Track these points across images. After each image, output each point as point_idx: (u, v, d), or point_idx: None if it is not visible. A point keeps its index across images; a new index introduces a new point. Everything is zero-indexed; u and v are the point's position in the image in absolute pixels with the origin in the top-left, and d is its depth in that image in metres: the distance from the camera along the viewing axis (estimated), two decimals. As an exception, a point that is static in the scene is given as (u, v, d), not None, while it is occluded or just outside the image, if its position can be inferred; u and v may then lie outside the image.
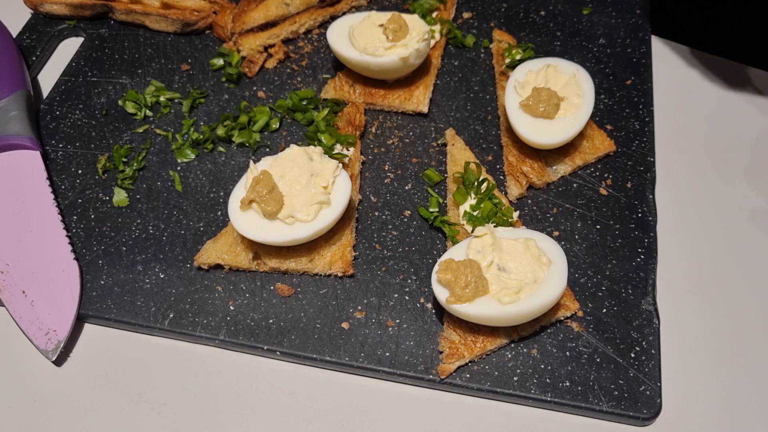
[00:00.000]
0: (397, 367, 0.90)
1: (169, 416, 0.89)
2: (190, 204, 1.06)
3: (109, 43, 1.27)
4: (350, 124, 1.12)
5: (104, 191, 1.08)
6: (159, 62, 1.24)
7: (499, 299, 0.86)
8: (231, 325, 0.94)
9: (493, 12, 1.31)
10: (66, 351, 0.94)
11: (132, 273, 0.99)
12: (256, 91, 1.20)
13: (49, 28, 1.29)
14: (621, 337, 0.91)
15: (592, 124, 1.10)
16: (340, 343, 0.92)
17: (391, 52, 1.10)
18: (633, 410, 0.86)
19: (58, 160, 1.11)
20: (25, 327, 0.94)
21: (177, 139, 1.13)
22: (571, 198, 1.05)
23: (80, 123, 1.16)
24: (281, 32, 1.26)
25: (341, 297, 0.96)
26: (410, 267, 0.99)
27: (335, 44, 1.15)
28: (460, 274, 0.86)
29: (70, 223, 1.04)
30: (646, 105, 1.15)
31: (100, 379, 0.92)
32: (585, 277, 0.97)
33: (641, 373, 0.88)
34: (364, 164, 1.11)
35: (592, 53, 1.22)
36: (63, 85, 1.21)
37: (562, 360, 0.90)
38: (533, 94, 1.05)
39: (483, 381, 0.89)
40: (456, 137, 1.11)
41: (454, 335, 0.90)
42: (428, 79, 1.18)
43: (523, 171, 1.06)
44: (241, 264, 0.98)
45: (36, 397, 0.91)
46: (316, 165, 0.97)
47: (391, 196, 1.07)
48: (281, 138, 1.14)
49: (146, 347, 0.95)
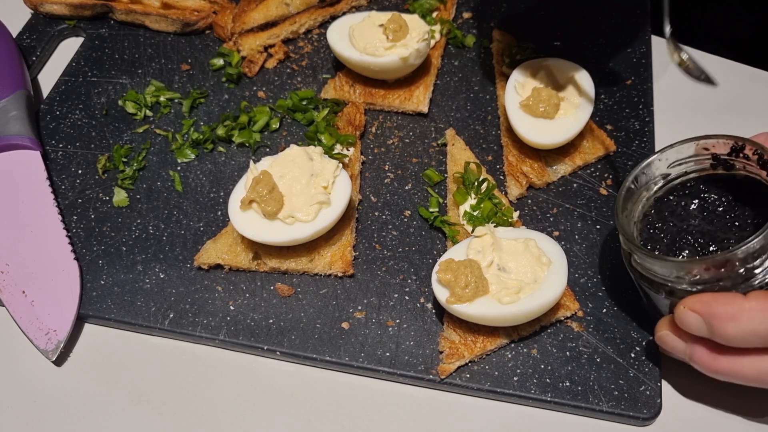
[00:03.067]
0: (397, 367, 0.90)
1: (169, 416, 0.89)
2: (190, 204, 1.06)
3: (109, 43, 1.27)
4: (350, 124, 1.12)
5: (104, 191, 1.08)
6: (159, 62, 1.24)
7: (499, 299, 0.86)
8: (231, 325, 0.94)
9: (493, 12, 1.31)
10: (66, 351, 0.94)
11: (132, 273, 0.99)
12: (256, 91, 1.20)
13: (49, 28, 1.29)
14: (621, 337, 0.91)
15: (592, 124, 1.10)
16: (340, 343, 0.92)
17: (391, 52, 1.10)
18: (633, 410, 0.86)
19: (58, 160, 1.11)
20: (25, 327, 0.94)
21: (177, 139, 1.13)
22: (571, 198, 1.05)
23: (80, 123, 1.16)
24: (281, 32, 1.26)
25: (341, 297, 0.96)
26: (410, 267, 0.99)
27: (335, 44, 1.15)
28: (460, 274, 0.86)
29: (70, 223, 1.04)
30: (646, 105, 1.15)
31: (100, 379, 0.92)
32: (585, 277, 0.97)
33: (641, 373, 0.88)
34: (364, 164, 1.11)
35: (592, 53, 1.22)
36: (63, 85, 1.21)
37: (562, 360, 0.90)
38: (533, 94, 1.05)
39: (483, 381, 0.89)
40: (456, 137, 1.11)
41: (454, 335, 0.90)
42: (428, 79, 1.18)
43: (523, 171, 1.06)
44: (241, 264, 0.98)
45: (36, 397, 0.91)
46: (316, 165, 0.97)
47: (391, 196, 1.07)
48: (281, 138, 1.14)
49: (146, 347, 0.95)
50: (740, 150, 0.83)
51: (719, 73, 1.23)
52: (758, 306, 0.72)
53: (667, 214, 0.86)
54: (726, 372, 0.78)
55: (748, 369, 0.76)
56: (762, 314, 0.72)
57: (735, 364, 0.77)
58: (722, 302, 0.74)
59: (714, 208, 0.84)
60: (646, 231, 0.86)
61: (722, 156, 0.85)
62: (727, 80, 1.22)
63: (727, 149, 0.84)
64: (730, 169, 0.86)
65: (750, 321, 0.72)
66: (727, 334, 0.74)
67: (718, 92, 1.20)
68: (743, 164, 0.84)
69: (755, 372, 0.76)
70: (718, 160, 0.86)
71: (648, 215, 0.87)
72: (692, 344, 0.80)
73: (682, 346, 0.81)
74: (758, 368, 0.76)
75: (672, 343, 0.82)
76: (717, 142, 0.84)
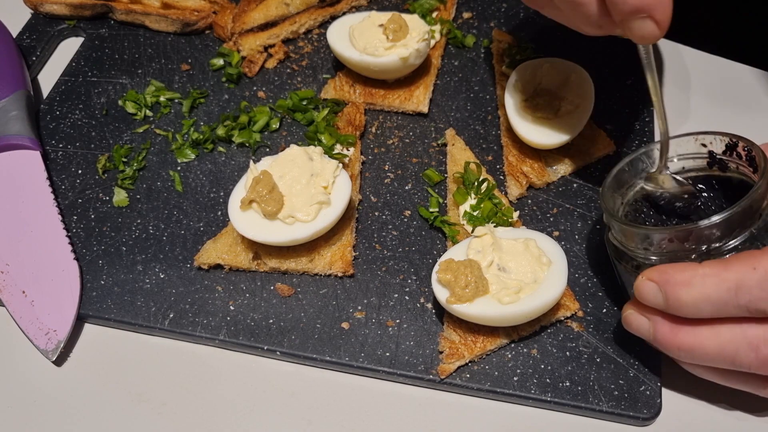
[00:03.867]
0: (397, 367, 0.90)
1: (169, 416, 0.89)
2: (190, 204, 1.06)
3: (109, 43, 1.27)
4: (350, 124, 1.12)
5: (104, 191, 1.08)
6: (159, 62, 1.24)
7: (499, 299, 0.86)
8: (231, 325, 0.94)
9: (493, 12, 1.31)
10: (66, 351, 0.94)
11: (132, 273, 0.99)
12: (256, 91, 1.20)
13: (49, 28, 1.29)
14: (621, 337, 0.91)
15: (592, 124, 1.10)
16: (340, 343, 0.92)
17: (391, 52, 1.11)
18: (633, 410, 0.86)
19: (58, 160, 1.11)
20: (25, 327, 0.94)
21: (177, 139, 1.13)
22: (571, 198, 1.05)
23: (80, 123, 1.16)
24: (281, 32, 1.26)
25: (341, 297, 0.96)
26: (410, 267, 0.99)
27: (335, 44, 1.15)
28: (460, 274, 0.86)
29: (70, 223, 1.04)
30: (646, 105, 1.15)
31: (100, 379, 0.92)
32: (585, 277, 0.97)
33: (641, 373, 0.88)
34: (364, 164, 1.11)
35: (592, 53, 1.22)
36: (63, 85, 1.21)
37: (562, 360, 0.90)
38: (533, 94, 1.05)
39: (483, 381, 0.89)
40: (456, 137, 1.11)
41: (454, 335, 0.90)
42: (428, 79, 1.18)
43: (523, 171, 1.06)
44: (241, 264, 0.98)
45: (36, 397, 0.91)
46: (316, 165, 0.97)
47: (391, 196, 1.07)
48: (281, 138, 1.14)
49: (146, 347, 0.95)
50: (734, 147, 0.85)
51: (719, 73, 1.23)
52: (711, 272, 0.73)
53: (655, 204, 0.88)
54: (688, 346, 0.78)
55: (708, 341, 0.76)
56: (714, 279, 0.73)
57: (695, 336, 0.77)
58: (677, 269, 0.76)
59: (703, 206, 0.86)
60: (632, 214, 0.88)
61: (718, 155, 0.87)
62: (727, 80, 1.22)
63: (723, 146, 0.86)
64: (725, 170, 0.87)
65: (702, 286, 0.73)
66: (680, 299, 0.75)
67: (718, 92, 1.20)
68: (737, 164, 0.86)
69: (716, 345, 0.76)
70: (714, 159, 0.87)
71: (638, 201, 0.89)
72: (654, 318, 0.80)
73: (646, 324, 0.81)
74: (718, 340, 0.76)
75: (636, 322, 0.82)
76: (714, 139, 0.87)
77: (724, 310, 0.74)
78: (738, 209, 0.76)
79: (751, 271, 0.72)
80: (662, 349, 0.81)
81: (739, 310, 0.73)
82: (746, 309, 0.73)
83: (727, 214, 0.75)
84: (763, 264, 0.72)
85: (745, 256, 0.74)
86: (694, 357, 0.78)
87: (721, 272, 0.73)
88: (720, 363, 0.77)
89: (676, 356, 0.81)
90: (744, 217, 0.76)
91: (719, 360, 0.77)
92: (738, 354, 0.75)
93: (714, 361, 0.77)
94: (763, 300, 0.71)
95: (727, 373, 0.80)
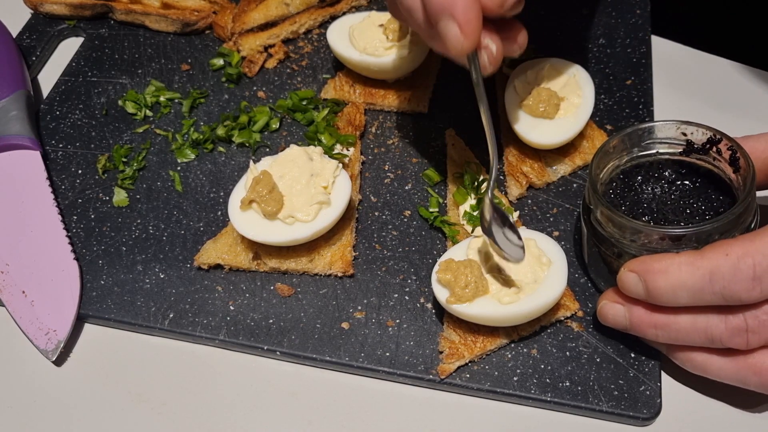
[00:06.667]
0: (397, 367, 0.90)
1: (169, 416, 0.89)
2: (190, 204, 1.06)
3: (109, 43, 1.27)
4: (350, 124, 1.12)
5: (104, 191, 1.08)
6: (159, 62, 1.24)
7: (499, 299, 0.86)
8: (231, 325, 0.94)
9: (493, 12, 1.30)
10: (66, 351, 0.94)
11: (132, 273, 0.99)
12: (256, 91, 1.20)
13: (49, 28, 1.29)
14: (621, 337, 0.91)
15: (592, 124, 1.10)
16: (340, 343, 0.92)
17: (391, 52, 1.10)
18: (633, 410, 0.86)
19: (58, 160, 1.11)
20: (25, 327, 0.94)
21: (177, 139, 1.13)
22: (571, 198, 1.05)
23: (80, 123, 1.16)
24: (281, 32, 1.26)
25: (341, 297, 0.96)
26: (410, 267, 0.99)
27: (335, 44, 1.15)
28: (460, 274, 0.86)
29: (70, 223, 1.04)
30: (646, 105, 1.15)
31: (100, 379, 0.92)
32: (585, 277, 0.97)
33: (641, 373, 0.88)
34: (364, 164, 1.11)
35: (592, 53, 1.22)
36: (63, 85, 1.21)
37: (562, 360, 0.90)
38: (533, 94, 1.05)
39: (483, 381, 0.89)
40: (456, 137, 1.11)
41: (454, 335, 0.90)
42: (428, 79, 1.18)
43: (523, 171, 1.06)
44: (241, 264, 0.98)
45: (36, 397, 0.91)
46: (316, 165, 0.97)
47: (391, 196, 1.07)
48: (281, 138, 1.14)
49: (146, 347, 0.95)
50: (716, 143, 0.87)
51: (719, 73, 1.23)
52: (687, 260, 0.77)
53: (629, 184, 0.90)
54: (663, 322, 0.81)
55: (683, 323, 0.80)
56: (689, 267, 0.77)
57: (671, 321, 0.81)
58: (656, 259, 0.80)
59: (672, 191, 0.89)
60: (608, 194, 0.90)
61: (696, 145, 0.89)
62: (727, 80, 1.22)
63: (704, 139, 0.88)
64: (698, 159, 0.89)
65: (678, 273, 0.77)
66: (658, 287, 0.78)
67: (718, 92, 1.20)
68: (712, 157, 0.88)
69: (690, 318, 0.79)
70: (691, 148, 0.89)
71: (614, 180, 0.91)
72: (630, 306, 0.84)
73: (621, 310, 0.85)
74: (694, 326, 0.79)
75: (612, 311, 0.86)
76: (696, 130, 0.89)
77: (701, 297, 0.77)
78: (736, 210, 0.79)
79: (723, 257, 0.75)
80: (637, 332, 0.84)
81: (714, 297, 0.76)
82: (721, 296, 0.76)
83: (721, 219, 0.79)
84: (734, 250, 0.75)
85: (719, 244, 0.77)
86: (669, 334, 0.81)
87: (697, 260, 0.77)
88: (694, 337, 0.80)
89: (652, 337, 0.83)
90: (736, 223, 0.80)
91: (693, 333, 0.80)
92: (709, 326, 0.78)
93: (689, 335, 0.80)
94: (736, 284, 0.75)
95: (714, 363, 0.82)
